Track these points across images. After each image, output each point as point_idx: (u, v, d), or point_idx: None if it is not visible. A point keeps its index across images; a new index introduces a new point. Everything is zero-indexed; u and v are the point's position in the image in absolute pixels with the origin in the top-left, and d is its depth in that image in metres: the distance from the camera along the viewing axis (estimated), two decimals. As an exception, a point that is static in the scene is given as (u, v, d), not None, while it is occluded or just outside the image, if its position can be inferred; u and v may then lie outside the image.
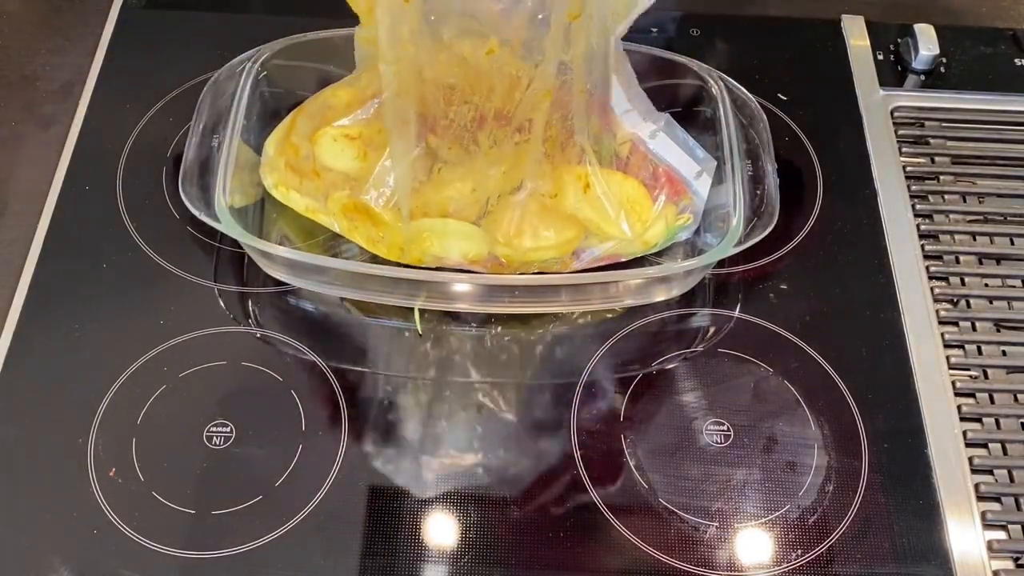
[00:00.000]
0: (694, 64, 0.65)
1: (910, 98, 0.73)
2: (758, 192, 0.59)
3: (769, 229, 0.57)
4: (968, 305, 0.63)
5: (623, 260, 0.60)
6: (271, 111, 0.66)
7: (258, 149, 0.63)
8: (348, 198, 0.58)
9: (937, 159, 0.70)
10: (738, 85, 0.64)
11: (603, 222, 0.58)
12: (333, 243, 0.63)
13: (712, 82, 0.64)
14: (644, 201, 0.59)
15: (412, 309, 0.60)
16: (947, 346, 0.61)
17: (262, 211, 0.64)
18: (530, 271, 0.59)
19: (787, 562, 0.53)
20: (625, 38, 0.58)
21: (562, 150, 0.58)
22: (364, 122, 0.60)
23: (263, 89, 0.65)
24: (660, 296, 0.61)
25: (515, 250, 0.58)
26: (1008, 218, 0.67)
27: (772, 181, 0.59)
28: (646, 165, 0.60)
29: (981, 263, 0.64)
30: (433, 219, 0.58)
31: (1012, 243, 0.65)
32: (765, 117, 0.62)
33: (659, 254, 0.62)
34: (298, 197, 0.60)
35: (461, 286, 0.59)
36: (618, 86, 0.59)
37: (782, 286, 0.63)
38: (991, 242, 0.66)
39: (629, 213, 0.59)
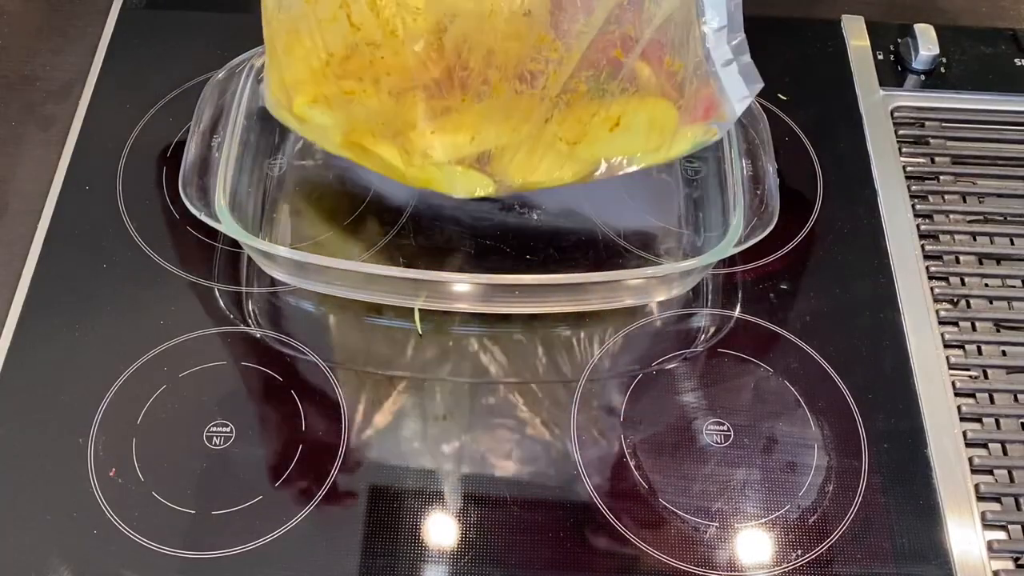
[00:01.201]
0: None
1: (910, 98, 0.73)
2: (758, 192, 0.59)
3: (769, 229, 0.57)
4: (968, 305, 0.63)
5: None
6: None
7: (259, 149, 0.63)
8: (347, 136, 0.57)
9: (937, 159, 0.70)
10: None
11: (628, 150, 0.57)
12: (332, 244, 0.63)
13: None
14: (669, 114, 0.57)
15: (412, 309, 0.60)
16: (947, 346, 0.61)
17: (263, 212, 0.64)
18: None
19: (787, 562, 0.53)
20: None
21: (590, 99, 0.55)
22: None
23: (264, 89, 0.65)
24: (660, 296, 0.61)
25: (528, 185, 0.57)
26: (1008, 218, 0.67)
27: (772, 181, 0.59)
28: (706, 86, 0.58)
29: (981, 263, 0.64)
30: (439, 167, 0.56)
31: (1012, 243, 0.65)
32: (765, 117, 0.62)
33: (659, 255, 0.63)
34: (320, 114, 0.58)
35: (461, 286, 0.59)
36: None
37: (782, 286, 0.63)
38: (991, 242, 0.66)
39: (652, 132, 0.57)
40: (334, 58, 0.55)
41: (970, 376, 0.60)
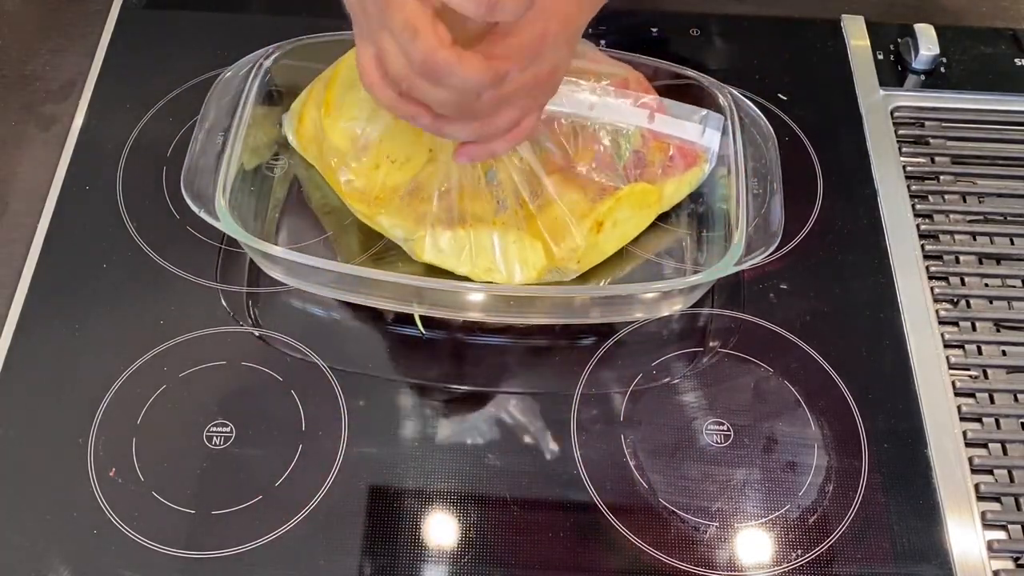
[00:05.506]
0: (705, 80, 0.64)
1: (910, 98, 0.73)
2: (762, 212, 0.59)
3: (771, 249, 0.57)
4: (968, 305, 0.62)
5: None
6: (278, 111, 0.66)
7: (261, 149, 0.63)
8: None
9: (937, 159, 0.70)
10: (748, 103, 0.63)
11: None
12: (332, 246, 0.63)
13: (722, 98, 0.63)
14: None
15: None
16: (947, 346, 0.61)
17: (266, 211, 0.64)
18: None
19: (787, 562, 0.53)
20: (631, 48, 0.58)
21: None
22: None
23: (271, 89, 0.65)
24: (654, 313, 0.61)
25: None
26: (1008, 218, 0.67)
27: (777, 201, 0.59)
28: (663, 148, 0.62)
29: (981, 263, 0.64)
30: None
31: (1012, 243, 0.65)
32: (775, 136, 0.62)
33: (663, 259, 0.62)
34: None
35: (461, 295, 0.59)
36: (592, 95, 0.60)
37: (782, 286, 0.63)
38: (991, 242, 0.66)
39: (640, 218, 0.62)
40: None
41: (970, 376, 0.60)
